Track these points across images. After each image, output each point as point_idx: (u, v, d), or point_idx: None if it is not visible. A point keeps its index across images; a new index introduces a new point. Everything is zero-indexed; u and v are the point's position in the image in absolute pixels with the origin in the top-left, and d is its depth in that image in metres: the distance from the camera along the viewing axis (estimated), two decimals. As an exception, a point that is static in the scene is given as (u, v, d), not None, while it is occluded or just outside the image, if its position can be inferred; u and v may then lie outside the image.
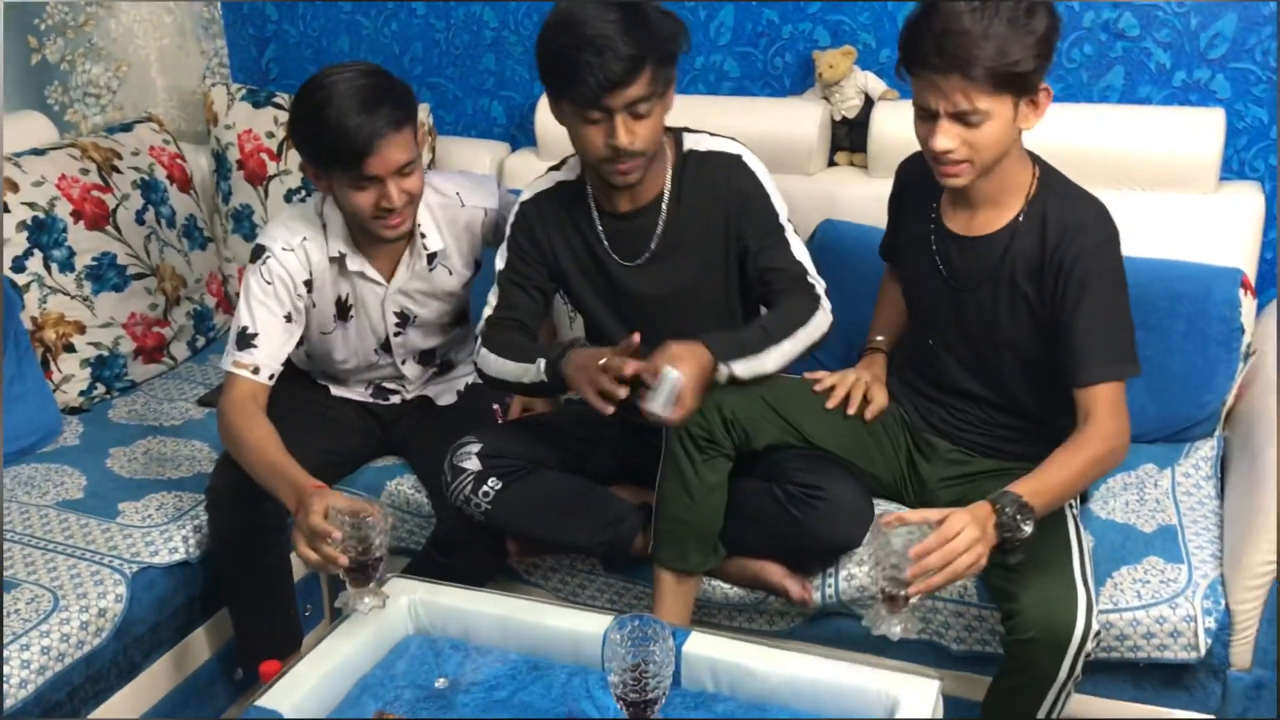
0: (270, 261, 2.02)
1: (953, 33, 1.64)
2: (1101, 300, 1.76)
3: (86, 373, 2.50)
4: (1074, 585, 1.69)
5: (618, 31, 1.74)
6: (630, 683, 1.45)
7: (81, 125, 2.89)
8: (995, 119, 1.69)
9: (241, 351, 1.99)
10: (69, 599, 1.88)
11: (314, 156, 1.95)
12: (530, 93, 2.89)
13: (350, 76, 1.91)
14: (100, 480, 2.21)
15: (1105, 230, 1.79)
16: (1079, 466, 1.73)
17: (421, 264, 2.11)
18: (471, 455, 1.99)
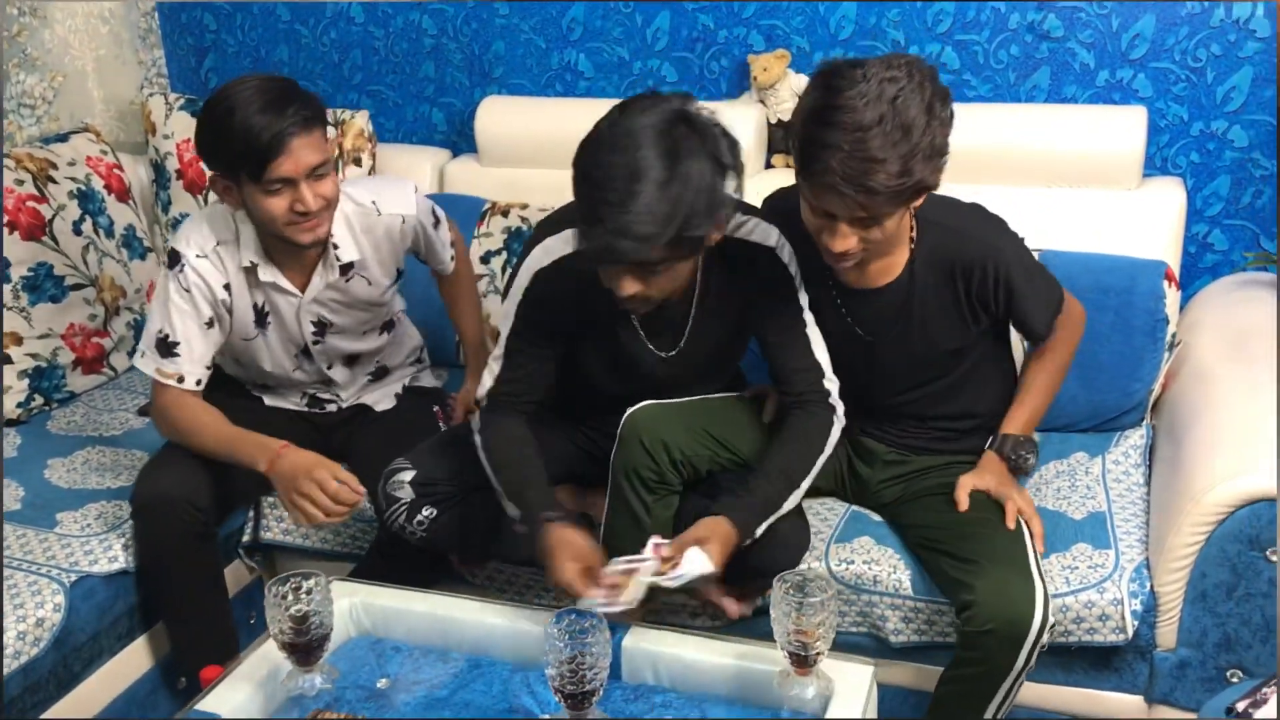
0: (186, 269, 1.99)
1: (861, 158, 1.59)
2: (1024, 279, 1.86)
3: (24, 384, 2.48)
4: (1031, 577, 1.72)
5: (641, 211, 1.54)
6: (568, 675, 1.47)
7: (17, 136, 2.86)
8: (893, 218, 1.70)
9: (165, 359, 1.99)
10: (4, 609, 1.86)
11: (223, 164, 1.90)
12: (470, 99, 2.91)
13: (255, 84, 1.88)
14: (38, 491, 2.19)
15: (993, 232, 1.86)
16: (1054, 374, 1.97)
17: (335, 275, 2.09)
18: (404, 484, 1.95)
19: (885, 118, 1.58)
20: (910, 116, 1.59)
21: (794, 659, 1.54)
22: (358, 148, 2.80)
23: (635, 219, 1.54)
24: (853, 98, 1.59)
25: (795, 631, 1.51)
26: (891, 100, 1.59)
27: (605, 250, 1.59)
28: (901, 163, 1.59)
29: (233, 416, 2.17)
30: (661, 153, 1.55)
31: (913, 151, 1.60)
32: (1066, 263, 2.21)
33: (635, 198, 1.53)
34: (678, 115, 1.59)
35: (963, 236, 1.84)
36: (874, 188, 1.60)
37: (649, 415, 1.87)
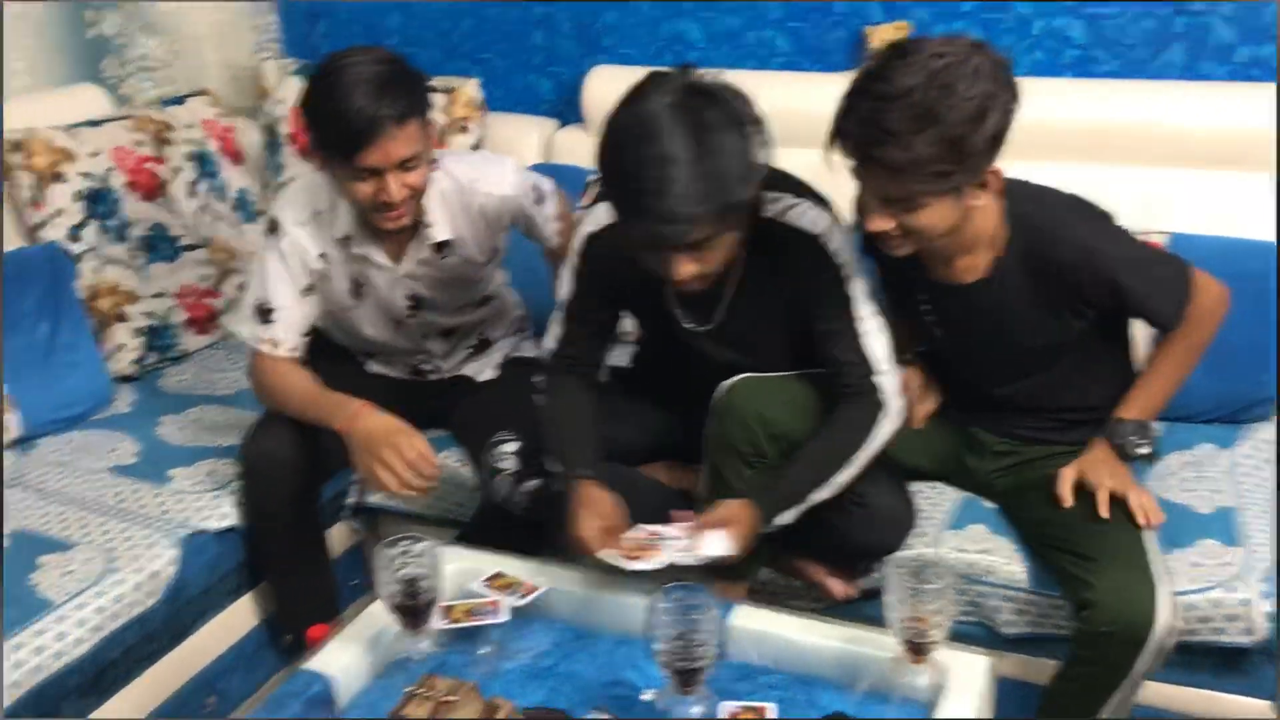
0: (285, 237, 1.99)
1: (876, 127, 1.53)
2: (1135, 275, 1.73)
3: (139, 342, 2.53)
4: (1152, 577, 1.65)
5: (679, 193, 1.52)
6: (678, 651, 1.45)
7: (136, 98, 2.92)
8: (931, 208, 1.60)
9: (262, 326, 2.00)
10: (123, 561, 1.90)
11: (318, 140, 1.90)
12: (579, 68, 2.88)
13: (364, 61, 1.84)
14: (152, 447, 2.24)
15: (1091, 234, 1.73)
16: (1182, 356, 1.82)
17: (428, 252, 2.08)
18: (509, 455, 1.96)
19: (914, 91, 1.51)
20: (947, 97, 1.51)
21: (908, 646, 1.50)
22: (466, 116, 2.80)
23: (676, 202, 1.51)
24: (893, 68, 1.54)
25: (911, 618, 1.47)
26: (931, 75, 1.52)
27: (653, 239, 1.57)
28: (921, 142, 1.51)
29: (336, 382, 2.19)
30: (686, 131, 1.52)
31: (939, 134, 1.51)
32: (1199, 247, 2.11)
33: (671, 182, 1.51)
34: (691, 89, 1.56)
35: (1056, 239, 1.72)
36: (884, 161, 1.54)
37: (745, 387, 1.83)
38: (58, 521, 2.00)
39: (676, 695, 1.50)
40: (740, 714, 1.48)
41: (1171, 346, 1.82)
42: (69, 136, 2.47)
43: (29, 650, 1.73)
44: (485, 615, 1.68)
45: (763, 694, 1.56)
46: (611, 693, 1.59)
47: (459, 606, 1.69)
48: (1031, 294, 1.75)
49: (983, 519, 1.94)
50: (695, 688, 1.49)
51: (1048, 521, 1.83)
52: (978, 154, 1.56)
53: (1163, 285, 1.77)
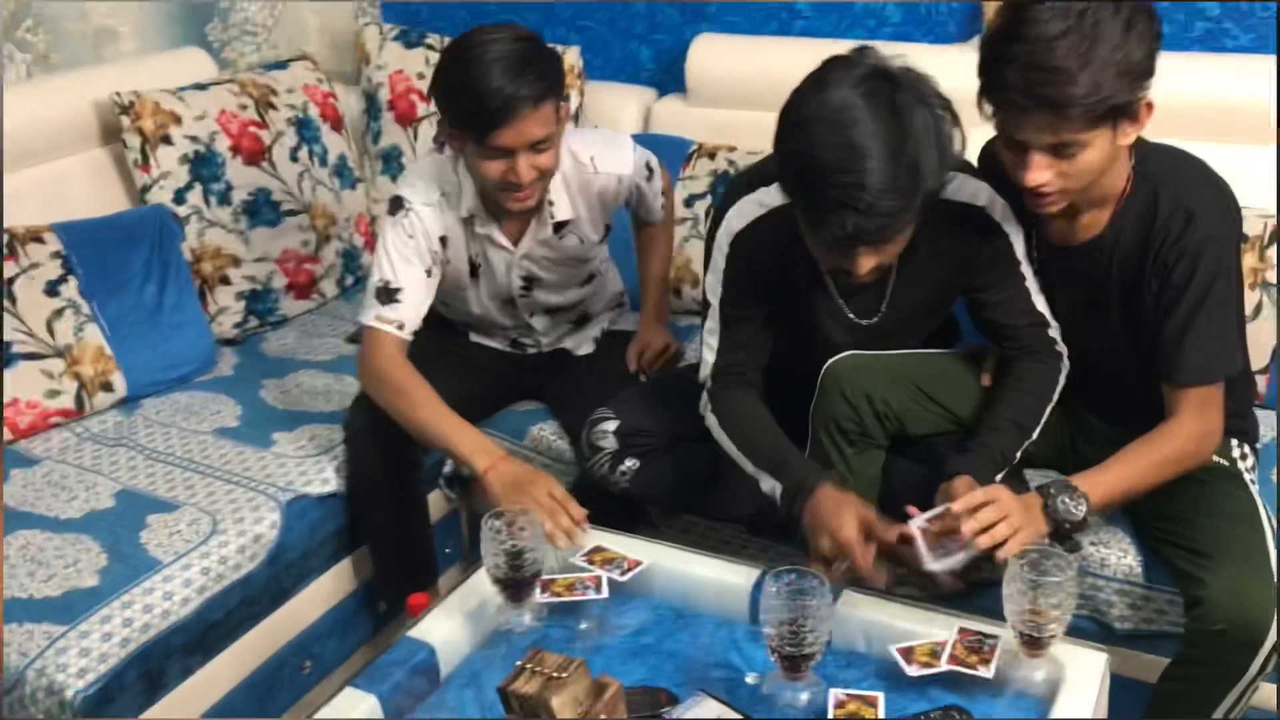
0: (410, 215, 1.98)
1: (1042, 68, 1.49)
2: (1199, 299, 1.62)
3: (241, 305, 2.55)
4: (1270, 576, 1.58)
5: (880, 186, 1.45)
6: (788, 636, 1.42)
7: (239, 62, 2.94)
8: (1093, 147, 1.56)
9: (385, 306, 1.96)
10: (227, 523, 1.92)
11: (450, 116, 1.89)
12: (680, 36, 2.84)
13: (502, 39, 1.83)
14: (254, 410, 2.26)
15: (1215, 223, 1.63)
16: (1150, 463, 1.67)
17: (548, 232, 2.07)
18: (608, 434, 1.94)
19: (1071, 30, 1.48)
20: (1101, 29, 1.49)
21: (1025, 639, 1.45)
22: (567, 84, 2.76)
23: (878, 197, 1.44)
24: (1038, 11, 1.50)
25: (1029, 610, 1.42)
26: (1080, 14, 1.49)
27: (851, 236, 1.48)
28: (1090, 75, 1.48)
29: (439, 351, 2.20)
30: (880, 118, 1.45)
31: (1104, 64, 1.48)
32: None
33: (870, 174, 1.44)
34: (876, 73, 1.49)
35: (1182, 204, 1.63)
36: (1056, 99, 1.49)
37: (851, 365, 1.79)
38: (164, 481, 2.03)
39: (784, 680, 1.47)
40: (849, 702, 1.45)
41: (1157, 448, 1.68)
42: (175, 99, 2.49)
43: (138, 609, 1.76)
44: (586, 590, 1.66)
45: (870, 683, 1.53)
46: (714, 674, 1.56)
47: (560, 581, 1.68)
48: (1138, 257, 1.68)
49: (1097, 510, 1.87)
50: (803, 674, 1.46)
51: (1160, 514, 1.77)
52: (1140, 74, 1.53)
53: (1196, 344, 1.64)
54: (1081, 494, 1.62)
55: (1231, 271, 1.66)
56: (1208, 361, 1.65)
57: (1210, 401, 1.67)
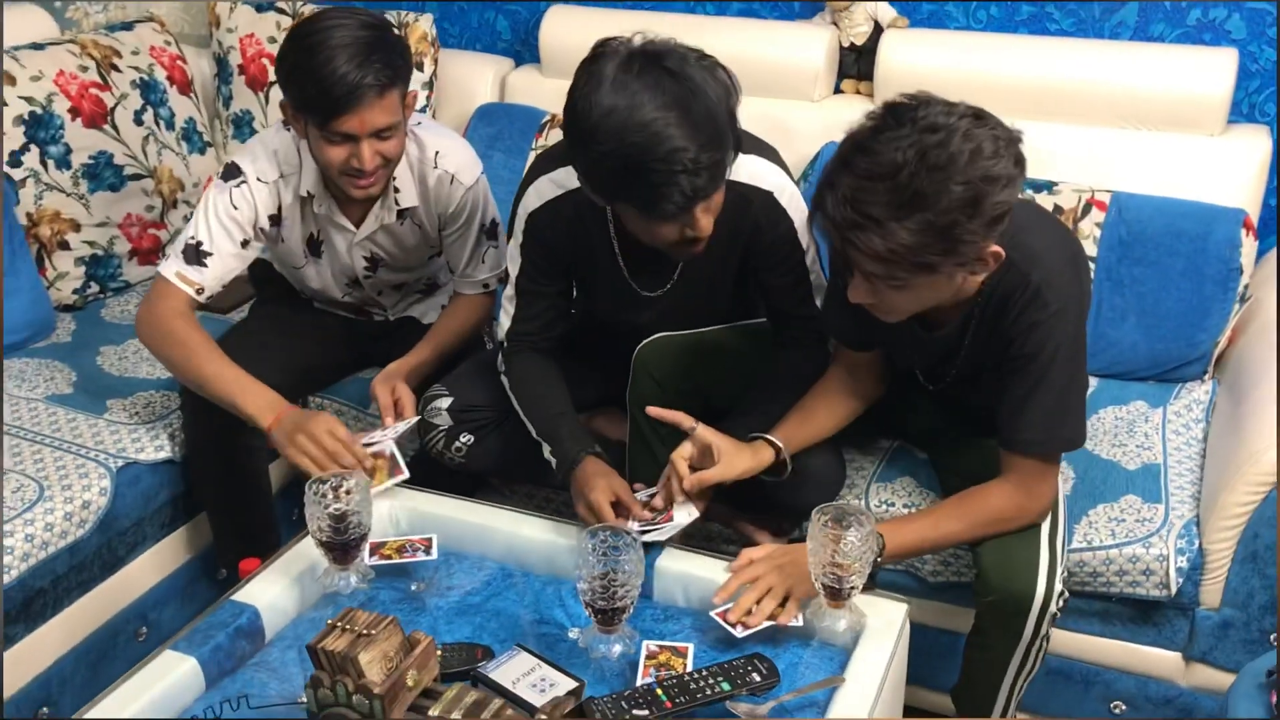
0: (244, 187, 1.96)
1: (856, 210, 1.41)
2: (1042, 373, 1.58)
3: (81, 271, 2.50)
4: (1037, 547, 1.65)
5: (694, 143, 1.50)
6: (599, 590, 1.47)
7: (84, 23, 2.86)
8: (919, 286, 1.49)
9: (190, 266, 1.95)
10: (54, 490, 1.89)
11: (294, 100, 1.87)
12: (536, 8, 2.85)
13: (349, 25, 1.82)
14: (90, 377, 2.22)
15: (1058, 297, 1.56)
16: (962, 523, 1.66)
17: (391, 218, 2.06)
18: (441, 411, 1.97)
19: (902, 170, 1.38)
20: (938, 180, 1.38)
21: (828, 591, 1.53)
22: (420, 52, 2.76)
23: (698, 152, 1.51)
24: (882, 140, 1.41)
25: (831, 564, 1.50)
26: (922, 152, 1.38)
27: (691, 197, 1.55)
28: (904, 231, 1.39)
29: (283, 318, 2.19)
30: (660, 89, 1.51)
31: (926, 221, 1.39)
32: (1140, 206, 2.15)
33: (679, 138, 1.50)
34: (633, 54, 1.55)
35: (1028, 281, 1.56)
36: (858, 245, 1.43)
37: (658, 349, 1.87)
38: (-10, 449, 1.99)
39: (599, 634, 1.52)
40: (660, 653, 1.51)
41: (974, 509, 1.66)
42: (9, 59, 2.42)
43: (-45, 575, 1.73)
44: (416, 552, 1.69)
45: (685, 635, 1.59)
46: (538, 630, 1.61)
47: (390, 544, 1.71)
48: (988, 331, 1.64)
49: (911, 471, 1.97)
50: (617, 627, 1.51)
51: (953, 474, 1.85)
52: (970, 241, 1.43)
53: (1046, 414, 1.60)
54: (876, 536, 1.56)
55: (1078, 340, 1.60)
56: (1042, 436, 1.61)
57: (1040, 474, 1.63)
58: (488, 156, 2.58)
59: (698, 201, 1.57)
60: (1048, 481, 1.65)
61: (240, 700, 1.45)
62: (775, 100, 2.53)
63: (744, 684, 1.41)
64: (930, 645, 1.95)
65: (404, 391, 2.00)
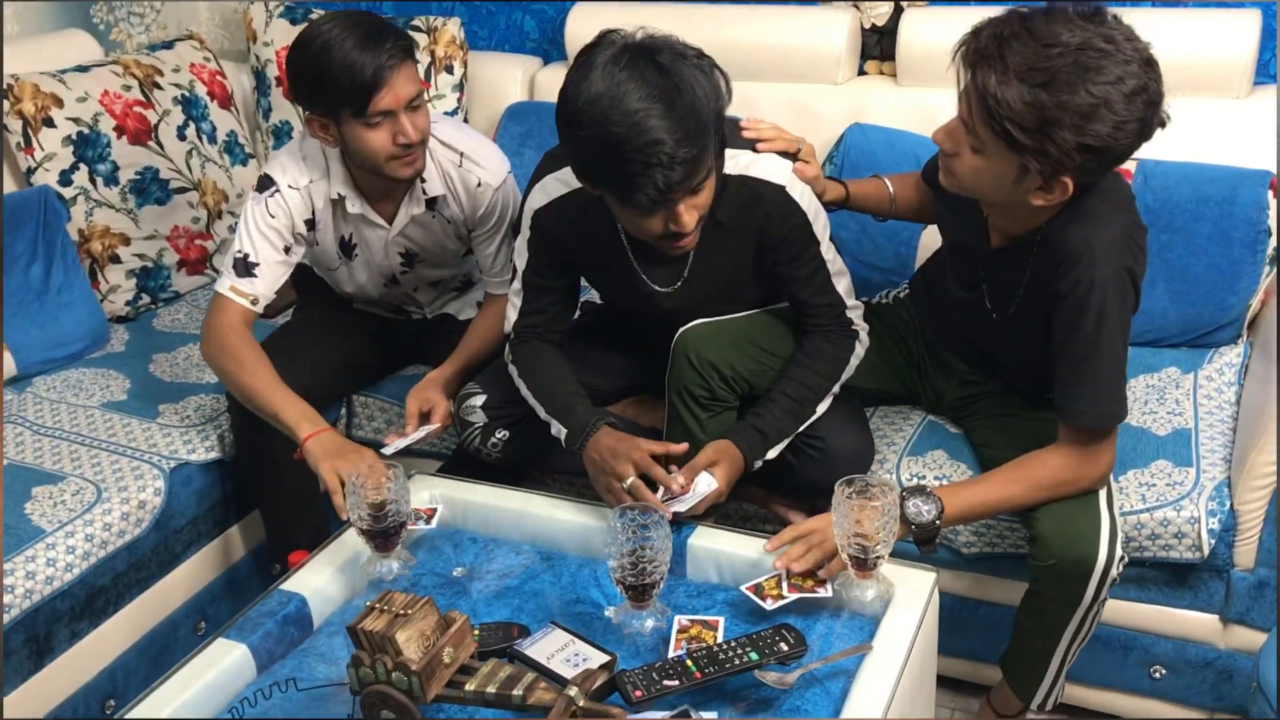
0: (277, 195, 2.04)
1: (997, 48, 1.48)
2: (1092, 342, 1.61)
3: (132, 283, 2.59)
4: (1098, 512, 1.67)
5: (672, 136, 1.53)
6: (629, 567, 1.51)
7: (126, 44, 2.96)
8: (989, 162, 1.55)
9: (242, 279, 2.03)
10: (111, 491, 1.98)
11: (323, 102, 1.93)
12: (561, 6, 2.90)
13: (343, 21, 1.90)
14: (143, 383, 2.31)
15: (1112, 264, 1.59)
16: (1020, 486, 1.68)
17: (421, 209, 2.12)
18: (476, 409, 2.01)
19: (1055, 46, 1.47)
20: (1075, 75, 1.46)
21: (854, 561, 1.55)
22: (449, 55, 2.82)
23: (675, 148, 1.53)
24: (1063, 13, 1.51)
25: (855, 534, 1.52)
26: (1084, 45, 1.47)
27: (665, 191, 1.57)
28: (1016, 91, 1.47)
29: (325, 319, 2.26)
30: (647, 81, 1.54)
31: (1037, 99, 1.46)
32: (1165, 172, 2.14)
33: (659, 130, 1.53)
34: (628, 47, 1.58)
35: (1083, 240, 1.60)
36: (977, 78, 1.51)
37: (698, 334, 1.88)
38: (50, 455, 2.07)
39: (631, 610, 1.56)
40: (692, 627, 1.54)
41: (1030, 473, 1.69)
42: (57, 82, 2.52)
43: (21, 575, 1.81)
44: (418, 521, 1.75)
45: (717, 609, 1.62)
46: (573, 610, 1.65)
47: None
48: (1035, 284, 1.69)
49: (943, 444, 1.98)
50: (648, 602, 1.55)
51: (996, 446, 1.86)
52: (1060, 151, 1.48)
53: (1097, 386, 1.64)
54: (935, 499, 1.65)
55: (1124, 314, 1.62)
56: (1093, 409, 1.64)
57: (1098, 440, 1.65)
58: (518, 154, 2.63)
59: (673, 194, 1.58)
60: (1106, 448, 1.67)
61: (289, 683, 1.51)
62: (799, 85, 2.56)
63: (772, 653, 1.45)
64: (967, 617, 1.97)
65: (438, 399, 2.06)
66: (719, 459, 1.77)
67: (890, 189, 1.98)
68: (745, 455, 1.79)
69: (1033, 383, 1.85)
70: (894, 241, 2.29)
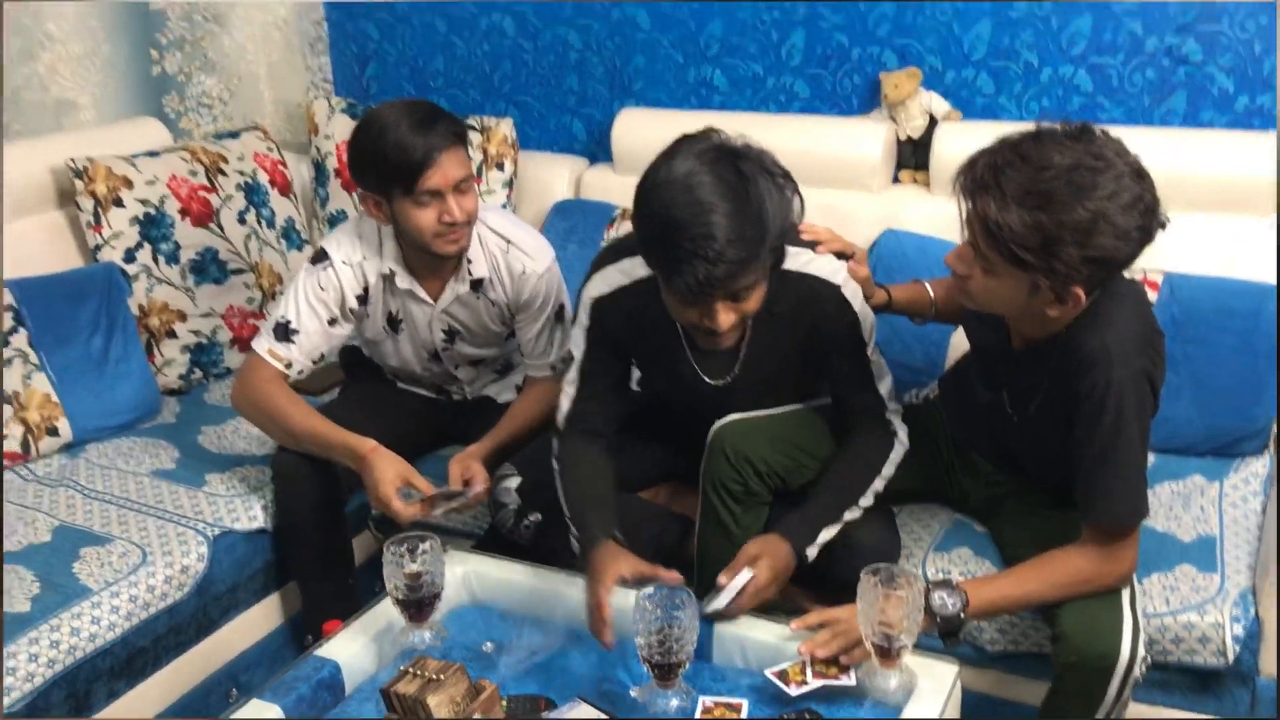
0: (329, 270, 2.15)
1: (993, 175, 1.54)
2: (1111, 443, 1.65)
3: (185, 358, 2.69)
4: (1120, 610, 1.69)
5: (726, 236, 1.58)
6: (656, 645, 1.54)
7: (195, 132, 3.11)
8: (1001, 280, 1.61)
9: (279, 343, 2.13)
10: (155, 555, 2.04)
11: (376, 179, 2.05)
12: (609, 110, 3.03)
13: (400, 107, 2.04)
14: (191, 453, 2.39)
15: (1129, 366, 1.63)
16: (1043, 583, 1.71)
17: (465, 288, 2.21)
18: (510, 491, 2.06)
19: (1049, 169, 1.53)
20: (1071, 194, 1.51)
21: (878, 650, 1.58)
22: (501, 153, 2.94)
23: (726, 247, 1.58)
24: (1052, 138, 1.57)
25: (880, 622, 1.55)
26: (1075, 165, 1.53)
27: (704, 284, 1.61)
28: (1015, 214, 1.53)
29: (370, 397, 2.34)
30: (723, 180, 1.61)
31: (1039, 221, 1.52)
32: (1191, 286, 2.20)
33: (717, 226, 1.58)
34: (720, 147, 1.66)
35: (1103, 341, 1.63)
36: (977, 206, 1.58)
37: (735, 429, 1.92)
38: (100, 518, 2.14)
39: (657, 689, 1.59)
40: (715, 709, 1.57)
41: (1054, 570, 1.71)
42: (128, 165, 2.65)
43: (66, 631, 1.87)
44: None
45: (742, 693, 1.65)
46: (602, 688, 1.68)
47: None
48: (1056, 385, 1.72)
49: (969, 542, 2.01)
50: (674, 682, 1.58)
51: (1021, 545, 1.88)
52: (1067, 267, 1.53)
53: (1116, 485, 1.67)
54: (960, 592, 1.67)
55: (1143, 415, 1.66)
56: (1114, 507, 1.67)
57: (1121, 539, 1.68)
58: (562, 248, 2.72)
59: (711, 290, 1.63)
60: (1129, 546, 1.69)
61: (321, 745, 1.55)
62: (837, 191, 2.64)
63: (794, 735, 1.47)
64: (989, 715, 1.97)
65: (477, 469, 2.12)
66: (761, 552, 1.78)
67: (931, 293, 2.03)
68: (793, 543, 1.81)
69: (1057, 483, 1.88)
70: (924, 342, 2.35)
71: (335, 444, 2.07)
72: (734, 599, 1.73)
